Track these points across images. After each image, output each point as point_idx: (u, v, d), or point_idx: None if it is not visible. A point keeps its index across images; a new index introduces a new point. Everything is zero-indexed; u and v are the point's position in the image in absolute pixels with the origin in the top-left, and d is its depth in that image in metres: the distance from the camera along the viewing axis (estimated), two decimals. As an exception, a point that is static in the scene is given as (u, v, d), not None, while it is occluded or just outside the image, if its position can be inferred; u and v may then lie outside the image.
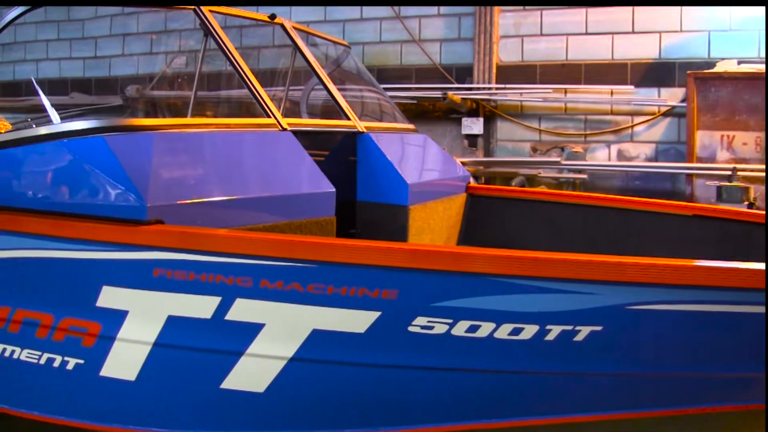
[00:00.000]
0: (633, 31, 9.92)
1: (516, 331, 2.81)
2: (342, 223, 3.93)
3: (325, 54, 5.83)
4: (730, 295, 2.72)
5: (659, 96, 9.86)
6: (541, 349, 2.84)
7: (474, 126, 10.59)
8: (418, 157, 5.32)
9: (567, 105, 10.35)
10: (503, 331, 2.81)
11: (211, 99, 9.41)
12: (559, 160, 10.07)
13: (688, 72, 9.45)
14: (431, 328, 2.83)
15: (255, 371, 3.03)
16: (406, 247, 3.16)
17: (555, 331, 2.80)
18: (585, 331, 2.80)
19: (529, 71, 10.46)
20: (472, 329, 2.81)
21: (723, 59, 9.45)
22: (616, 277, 2.68)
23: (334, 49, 5.85)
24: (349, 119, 4.65)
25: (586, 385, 3.05)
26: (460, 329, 2.82)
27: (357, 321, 2.86)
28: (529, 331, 2.81)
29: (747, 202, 8.33)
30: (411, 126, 5.55)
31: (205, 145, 3.62)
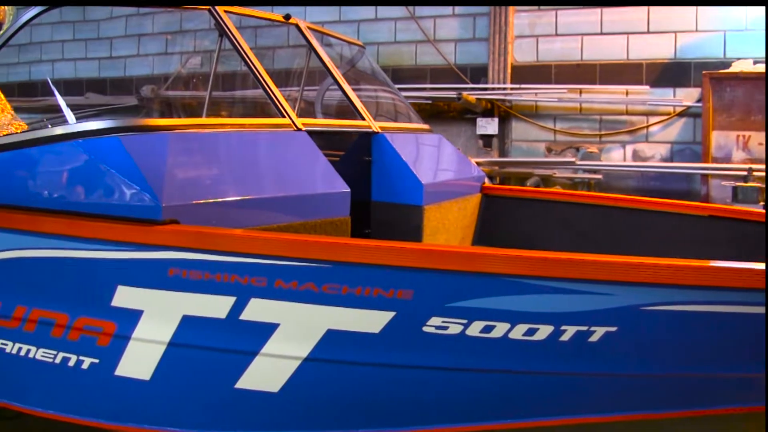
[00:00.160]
0: (648, 31, 9.85)
1: (531, 332, 2.80)
2: (356, 224, 3.92)
3: (340, 54, 5.83)
4: (747, 296, 2.70)
5: (674, 96, 9.80)
6: (556, 349, 2.84)
7: (489, 126, 10.56)
8: (432, 158, 5.31)
9: (582, 105, 10.30)
10: (518, 332, 2.81)
11: (226, 99, 9.44)
12: (574, 160, 10.04)
13: (704, 72, 9.41)
14: (446, 328, 2.82)
15: (269, 371, 3.03)
16: (421, 247, 3.15)
17: (570, 331, 2.80)
18: (600, 331, 2.79)
19: (544, 71, 10.42)
20: (487, 329, 2.81)
21: (738, 59, 9.38)
22: (631, 278, 2.67)
23: (349, 49, 5.85)
24: (363, 119, 4.65)
25: (600, 386, 3.04)
26: (475, 329, 2.81)
27: (371, 321, 2.85)
28: (544, 331, 2.80)
29: (763, 203, 8.28)
30: (426, 126, 5.55)
31: (220, 145, 3.62)
